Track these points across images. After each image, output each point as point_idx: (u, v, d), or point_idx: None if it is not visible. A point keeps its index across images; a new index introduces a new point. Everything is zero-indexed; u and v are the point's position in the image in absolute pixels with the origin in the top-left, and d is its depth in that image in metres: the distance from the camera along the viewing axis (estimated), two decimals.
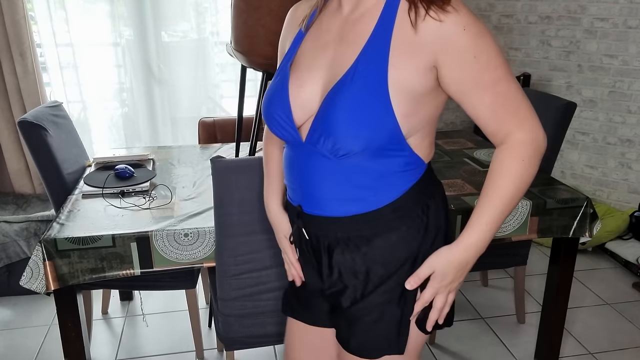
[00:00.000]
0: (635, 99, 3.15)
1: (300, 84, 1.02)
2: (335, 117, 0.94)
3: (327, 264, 1.10)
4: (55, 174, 1.99)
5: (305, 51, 1.05)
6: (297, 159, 1.05)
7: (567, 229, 1.91)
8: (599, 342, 2.33)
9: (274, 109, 1.05)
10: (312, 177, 1.03)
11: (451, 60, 0.92)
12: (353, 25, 0.99)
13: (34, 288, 1.60)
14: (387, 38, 0.93)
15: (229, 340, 1.73)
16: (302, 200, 1.08)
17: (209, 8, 3.17)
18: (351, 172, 0.99)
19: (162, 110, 3.25)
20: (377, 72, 0.93)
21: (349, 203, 1.02)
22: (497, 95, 0.94)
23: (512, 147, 0.96)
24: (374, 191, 1.01)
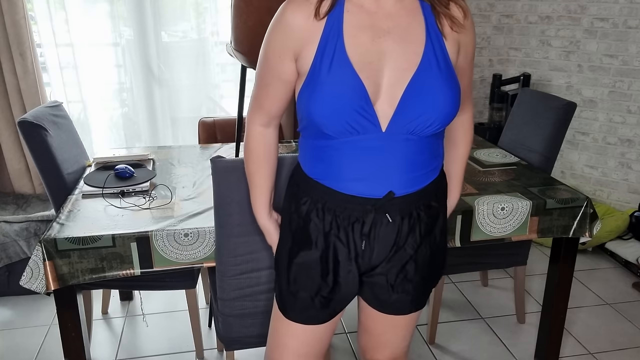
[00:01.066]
0: (635, 99, 3.15)
1: (364, 76, 1.07)
2: (427, 101, 1.09)
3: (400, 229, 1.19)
4: (55, 174, 1.99)
5: (351, 47, 1.08)
6: (373, 148, 1.11)
7: (567, 229, 1.91)
8: (599, 342, 2.33)
9: (347, 101, 1.07)
10: (397, 159, 1.13)
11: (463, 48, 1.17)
12: (392, 19, 1.10)
13: (34, 288, 1.60)
14: (437, 28, 1.12)
15: (229, 340, 1.73)
16: (392, 185, 1.14)
17: (209, 8, 3.17)
18: (431, 144, 1.17)
19: (162, 110, 3.25)
20: (443, 57, 1.11)
21: (433, 171, 1.20)
22: (470, 79, 1.28)
23: (467, 121, 1.34)
24: (441, 155, 1.24)
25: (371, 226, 1.16)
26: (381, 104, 1.09)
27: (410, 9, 1.11)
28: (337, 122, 1.08)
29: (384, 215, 1.15)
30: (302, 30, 1.09)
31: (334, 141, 1.12)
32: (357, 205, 1.15)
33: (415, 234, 1.19)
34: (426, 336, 2.33)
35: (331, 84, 1.07)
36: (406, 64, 1.08)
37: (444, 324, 2.42)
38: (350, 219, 1.16)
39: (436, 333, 2.32)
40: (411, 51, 1.09)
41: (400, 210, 1.16)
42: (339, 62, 1.07)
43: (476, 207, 1.81)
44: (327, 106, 1.07)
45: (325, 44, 1.08)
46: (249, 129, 1.26)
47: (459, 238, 1.82)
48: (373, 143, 1.11)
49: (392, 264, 1.21)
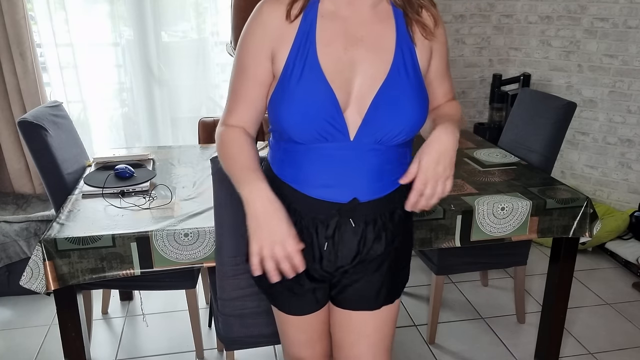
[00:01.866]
0: (635, 99, 3.15)
1: (335, 85, 1.07)
2: (395, 111, 1.09)
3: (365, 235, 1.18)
4: (55, 174, 1.99)
5: (323, 55, 1.08)
6: (341, 157, 1.11)
7: (567, 229, 1.91)
8: (599, 342, 2.33)
9: (317, 109, 1.07)
10: (363, 167, 1.13)
11: (437, 52, 1.18)
12: (365, 26, 1.10)
13: (34, 288, 1.60)
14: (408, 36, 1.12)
15: (229, 340, 1.73)
16: (357, 192, 1.14)
17: (209, 8, 3.17)
18: (398, 153, 1.16)
19: (162, 110, 3.25)
20: (413, 65, 1.12)
21: (395, 180, 1.17)
22: (450, 82, 1.27)
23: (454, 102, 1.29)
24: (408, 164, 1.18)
25: (335, 229, 1.16)
26: (350, 112, 1.09)
27: (383, 15, 1.12)
28: (306, 131, 1.08)
29: (348, 220, 1.16)
30: (277, 30, 1.09)
31: (302, 146, 1.12)
32: (322, 209, 1.15)
33: (381, 240, 1.20)
34: (426, 336, 2.33)
35: (302, 93, 1.07)
36: (376, 72, 1.09)
37: (444, 324, 2.42)
38: (314, 221, 1.16)
39: (436, 333, 2.32)
40: (381, 59, 1.09)
41: (365, 216, 1.16)
42: (311, 70, 1.07)
43: (476, 207, 1.81)
44: (296, 115, 1.07)
45: (297, 49, 1.08)
46: (219, 131, 1.19)
47: (459, 238, 1.82)
48: (341, 151, 1.11)
49: (357, 267, 1.21)
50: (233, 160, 1.15)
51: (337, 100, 1.07)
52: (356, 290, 1.24)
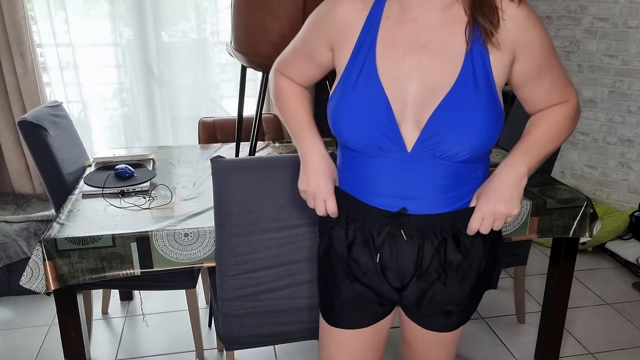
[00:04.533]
0: (635, 99, 3.15)
1: (390, 93, 1.02)
2: (459, 127, 1.00)
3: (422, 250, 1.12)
4: (55, 174, 1.99)
5: (382, 59, 1.03)
6: (395, 168, 1.06)
7: (567, 229, 1.91)
8: (599, 342, 2.33)
9: (370, 118, 1.02)
10: (420, 180, 1.06)
11: (525, 55, 1.03)
12: (432, 30, 1.01)
13: (34, 288, 1.60)
14: (480, 46, 1.00)
15: (229, 340, 1.73)
16: (409, 204, 1.08)
17: (209, 8, 3.17)
18: (464, 167, 1.07)
19: (162, 110, 3.25)
20: (485, 77, 1.00)
21: (460, 195, 1.09)
22: (552, 78, 1.07)
23: (564, 110, 1.10)
24: (477, 180, 1.11)
25: (385, 240, 1.12)
26: (407, 124, 1.03)
27: (455, 19, 1.01)
28: (358, 140, 1.05)
29: (399, 232, 1.10)
30: (343, 20, 1.06)
31: (358, 153, 1.09)
32: (375, 217, 1.11)
33: (440, 256, 1.12)
34: None
35: (355, 99, 1.03)
36: (438, 83, 1.00)
37: None
38: (370, 230, 1.13)
39: None
40: (446, 70, 1.00)
41: (421, 230, 1.10)
42: (368, 75, 1.03)
43: None
44: (349, 123, 1.04)
45: (358, 51, 1.04)
46: (273, 76, 1.23)
47: None
48: (397, 162, 1.06)
49: (419, 284, 1.16)
50: (290, 113, 1.20)
51: (391, 110, 1.02)
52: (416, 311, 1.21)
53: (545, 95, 1.09)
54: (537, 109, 1.12)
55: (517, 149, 1.09)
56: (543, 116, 1.11)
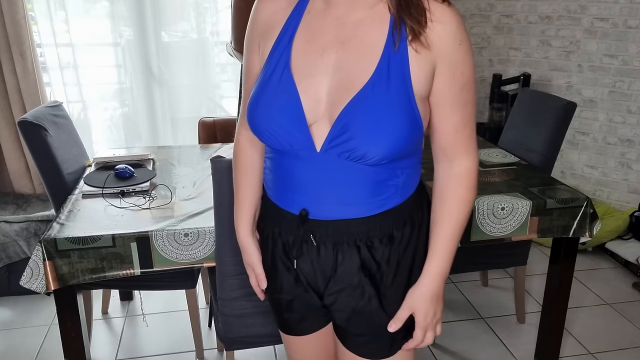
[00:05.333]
0: (635, 99, 3.15)
1: (303, 89, 0.98)
2: (368, 126, 0.94)
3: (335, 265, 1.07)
4: (55, 174, 1.99)
5: (299, 54, 0.99)
6: (305, 168, 1.02)
7: (567, 229, 1.91)
8: (599, 342, 2.33)
9: (280, 116, 0.99)
10: (330, 183, 1.01)
11: (443, 71, 0.96)
12: (354, 28, 0.97)
13: (34, 288, 1.60)
14: (404, 48, 0.94)
15: (229, 340, 1.73)
16: (311, 206, 1.04)
17: (209, 8, 3.17)
18: (377, 173, 1.01)
19: (162, 110, 3.25)
20: (402, 78, 0.94)
21: (374, 202, 1.03)
22: (463, 116, 1.01)
23: (463, 175, 1.04)
24: (395, 188, 1.04)
25: (301, 246, 1.08)
26: (320, 123, 0.98)
27: (378, 18, 0.97)
28: (268, 137, 1.01)
29: (309, 237, 1.06)
30: (266, 24, 1.04)
31: (276, 152, 1.06)
32: (288, 221, 1.08)
33: (353, 266, 1.07)
34: None
35: (267, 95, 1.00)
36: (352, 82, 0.95)
37: (444, 323, 2.42)
38: (286, 235, 1.10)
39: None
40: (361, 68, 0.95)
41: (332, 236, 1.05)
42: (281, 70, 0.99)
43: (476, 207, 1.80)
44: (259, 119, 1.01)
45: (277, 45, 1.01)
46: (236, 134, 1.20)
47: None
48: (308, 161, 1.01)
49: (339, 295, 1.10)
50: (235, 187, 1.21)
51: (301, 107, 0.98)
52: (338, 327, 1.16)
53: (450, 132, 1.01)
54: (440, 144, 1.03)
55: (438, 254, 1.06)
56: (445, 205, 1.06)
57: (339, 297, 1.11)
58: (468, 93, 0.99)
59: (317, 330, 1.23)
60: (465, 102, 1.00)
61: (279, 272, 1.15)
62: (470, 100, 1.00)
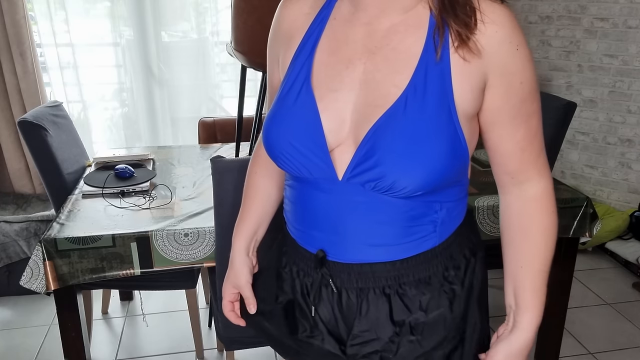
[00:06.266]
0: (635, 99, 3.15)
1: (324, 107, 0.84)
2: (398, 150, 0.78)
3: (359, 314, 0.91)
4: (55, 174, 1.99)
5: (322, 66, 0.85)
6: (326, 200, 0.87)
7: (567, 229, 1.90)
8: (599, 342, 2.33)
9: (296, 139, 0.84)
10: (353, 219, 0.86)
11: (499, 83, 0.80)
12: (386, 35, 0.82)
13: (34, 288, 1.60)
14: (446, 57, 0.79)
15: (229, 340, 1.73)
16: (330, 246, 0.89)
17: (209, 8, 3.17)
18: (411, 208, 0.85)
19: (162, 110, 3.25)
20: (441, 93, 0.79)
21: (406, 244, 0.88)
22: (528, 131, 0.84)
23: (541, 198, 0.88)
24: (434, 225, 0.88)
25: (319, 290, 0.93)
26: (345, 147, 0.83)
27: (415, 22, 0.81)
28: (283, 161, 0.87)
29: (329, 282, 0.91)
30: (289, 28, 0.91)
31: (294, 179, 0.92)
32: (306, 261, 0.93)
33: (382, 316, 0.90)
34: None
35: (283, 114, 0.86)
36: (381, 99, 0.80)
37: None
38: (303, 277, 0.95)
39: None
40: (392, 82, 0.80)
41: (357, 282, 0.89)
42: (301, 84, 0.85)
43: (476, 207, 1.80)
44: (274, 141, 0.86)
45: (298, 55, 0.88)
46: (256, 146, 1.08)
47: None
48: (328, 192, 0.86)
49: (357, 347, 0.93)
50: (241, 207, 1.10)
51: (320, 127, 0.83)
52: None
53: (516, 152, 0.85)
54: (504, 168, 0.88)
55: (526, 303, 0.91)
56: (528, 238, 0.89)
57: (365, 347, 0.93)
58: (532, 104, 0.83)
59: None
60: (529, 116, 0.83)
61: (297, 314, 0.99)
62: (534, 112, 0.84)
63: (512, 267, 0.93)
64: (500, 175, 0.90)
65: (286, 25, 0.92)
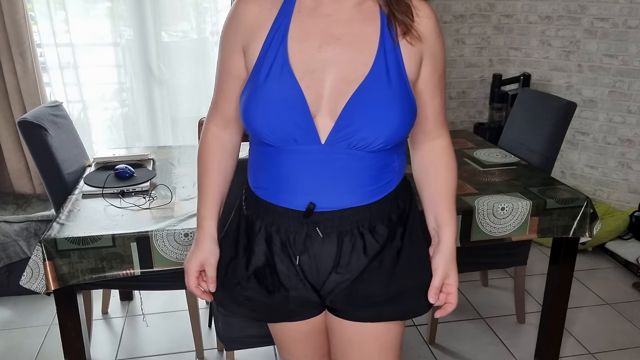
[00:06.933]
0: (635, 99, 3.15)
1: (305, 85, 1.02)
2: (373, 116, 1.01)
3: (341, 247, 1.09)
4: (55, 174, 1.99)
5: (296, 52, 1.03)
6: (309, 161, 1.05)
7: (567, 229, 1.91)
8: (599, 342, 2.33)
9: (285, 111, 1.02)
10: (335, 173, 1.06)
11: (429, 61, 1.07)
12: (347, 24, 1.04)
13: (34, 288, 1.60)
14: (394, 36, 1.04)
15: (229, 340, 1.73)
16: (316, 199, 1.06)
17: (209, 8, 3.17)
18: (379, 159, 1.07)
19: (162, 110, 3.25)
20: (398, 69, 1.03)
21: (377, 188, 1.09)
22: (442, 101, 1.14)
23: (447, 147, 1.17)
24: (394, 172, 1.12)
25: (305, 242, 1.09)
26: (322, 115, 1.03)
27: (368, 14, 1.05)
28: (272, 133, 1.04)
29: (315, 230, 1.08)
30: (251, 24, 1.06)
31: (272, 148, 1.07)
32: (291, 219, 1.09)
33: (359, 252, 1.10)
34: (426, 336, 2.33)
35: (268, 91, 1.02)
36: (352, 75, 1.02)
37: (444, 324, 2.42)
38: (286, 233, 1.10)
39: (436, 333, 2.32)
40: (359, 61, 1.02)
41: (337, 226, 1.08)
42: (280, 68, 1.02)
43: (476, 207, 1.81)
44: (261, 115, 1.03)
45: (269, 45, 1.04)
46: (203, 128, 1.21)
47: (459, 238, 1.82)
48: (311, 155, 1.05)
49: (339, 282, 1.12)
50: (198, 182, 1.22)
51: (305, 102, 1.02)
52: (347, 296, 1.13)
53: (433, 116, 1.13)
54: (423, 127, 1.14)
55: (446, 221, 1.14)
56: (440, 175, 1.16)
57: (340, 285, 1.12)
58: (444, 79, 1.13)
59: (308, 317, 1.21)
60: (442, 89, 1.13)
61: (277, 270, 1.12)
62: (444, 85, 1.14)
63: (430, 199, 1.17)
64: (417, 134, 1.16)
65: (249, 19, 1.06)
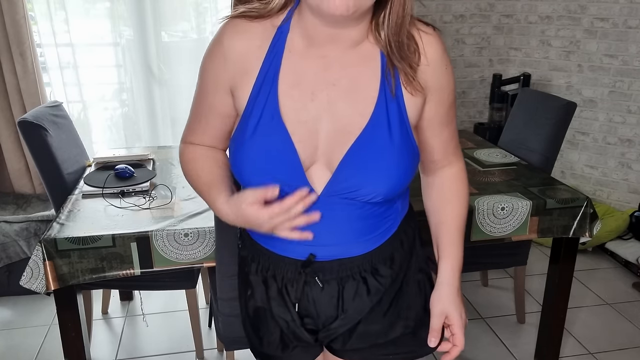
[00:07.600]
0: (635, 99, 3.15)
1: (297, 139, 0.92)
2: (374, 171, 0.93)
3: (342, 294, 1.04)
4: (55, 174, 1.99)
5: (287, 99, 0.92)
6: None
7: (567, 229, 1.91)
8: (599, 342, 2.33)
9: (274, 169, 0.93)
10: (333, 225, 0.98)
11: (434, 97, 0.98)
12: (343, 67, 0.93)
13: (34, 288, 1.60)
14: (399, 92, 0.94)
15: (229, 340, 1.73)
16: (315, 249, 1.00)
17: (209, 8, 3.17)
18: (380, 206, 1.00)
19: (162, 110, 3.25)
20: (400, 119, 0.94)
21: (377, 236, 1.03)
22: (451, 131, 1.05)
23: (458, 173, 1.09)
24: (395, 214, 1.06)
25: (304, 289, 1.03)
26: (317, 167, 0.94)
27: (366, 57, 0.93)
28: (262, 186, 0.90)
29: (314, 279, 1.02)
30: (239, 59, 0.95)
31: None
32: (287, 266, 1.03)
33: (362, 297, 1.04)
34: None
35: (257, 146, 0.92)
36: (349, 126, 0.92)
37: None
38: (283, 280, 1.04)
39: None
40: (357, 111, 0.92)
41: (338, 272, 1.02)
42: (270, 119, 0.92)
43: (476, 207, 1.81)
44: (250, 173, 0.94)
45: (259, 88, 0.93)
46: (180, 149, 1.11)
47: None
48: None
49: (344, 325, 1.06)
50: (197, 179, 1.08)
51: (297, 157, 0.92)
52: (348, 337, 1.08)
53: (441, 147, 1.05)
54: (431, 158, 1.07)
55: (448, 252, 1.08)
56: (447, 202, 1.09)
57: (343, 327, 1.07)
58: (453, 109, 1.03)
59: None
60: (452, 119, 1.04)
61: (274, 314, 1.08)
62: (454, 115, 1.05)
63: (434, 230, 1.10)
64: (426, 162, 1.09)
65: (236, 56, 0.95)
